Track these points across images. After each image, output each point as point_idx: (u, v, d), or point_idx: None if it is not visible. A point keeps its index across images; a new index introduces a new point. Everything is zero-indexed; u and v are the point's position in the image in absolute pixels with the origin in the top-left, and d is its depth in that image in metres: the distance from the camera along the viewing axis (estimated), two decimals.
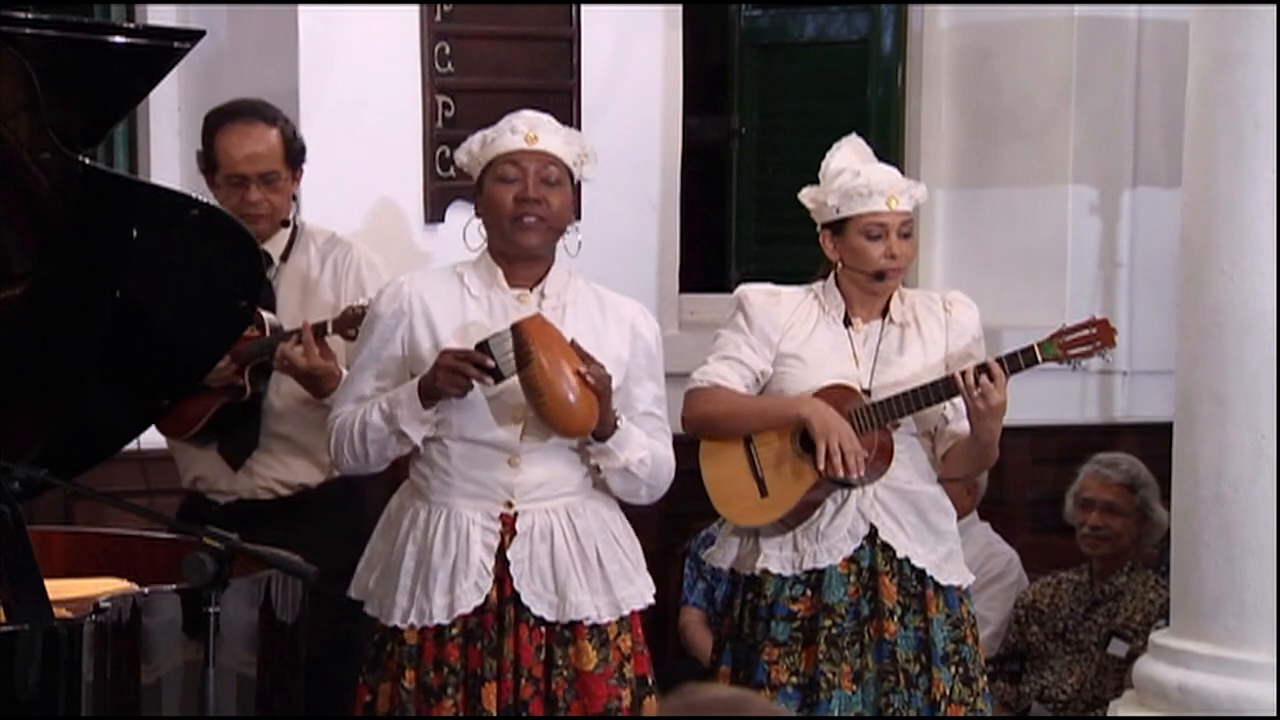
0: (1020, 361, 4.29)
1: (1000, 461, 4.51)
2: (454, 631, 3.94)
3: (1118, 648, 5.59)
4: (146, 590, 3.59)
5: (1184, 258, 5.09)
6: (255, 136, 4.61)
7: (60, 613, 3.45)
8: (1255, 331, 4.87)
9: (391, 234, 5.53)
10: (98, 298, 3.82)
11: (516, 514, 3.98)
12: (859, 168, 4.42)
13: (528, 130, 4.01)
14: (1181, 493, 5.06)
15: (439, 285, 4.03)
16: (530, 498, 3.99)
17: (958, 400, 4.34)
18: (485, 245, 4.07)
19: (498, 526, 3.97)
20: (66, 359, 3.85)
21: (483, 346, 3.88)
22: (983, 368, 4.26)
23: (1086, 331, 4.32)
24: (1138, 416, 6.63)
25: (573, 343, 3.91)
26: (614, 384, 3.97)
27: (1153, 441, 5.84)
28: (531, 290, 4.03)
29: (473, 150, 4.04)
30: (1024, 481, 6.50)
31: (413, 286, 4.03)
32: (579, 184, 4.20)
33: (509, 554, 3.97)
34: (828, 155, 4.48)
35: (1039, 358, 4.29)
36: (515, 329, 3.86)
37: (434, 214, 5.66)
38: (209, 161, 4.63)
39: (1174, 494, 5.15)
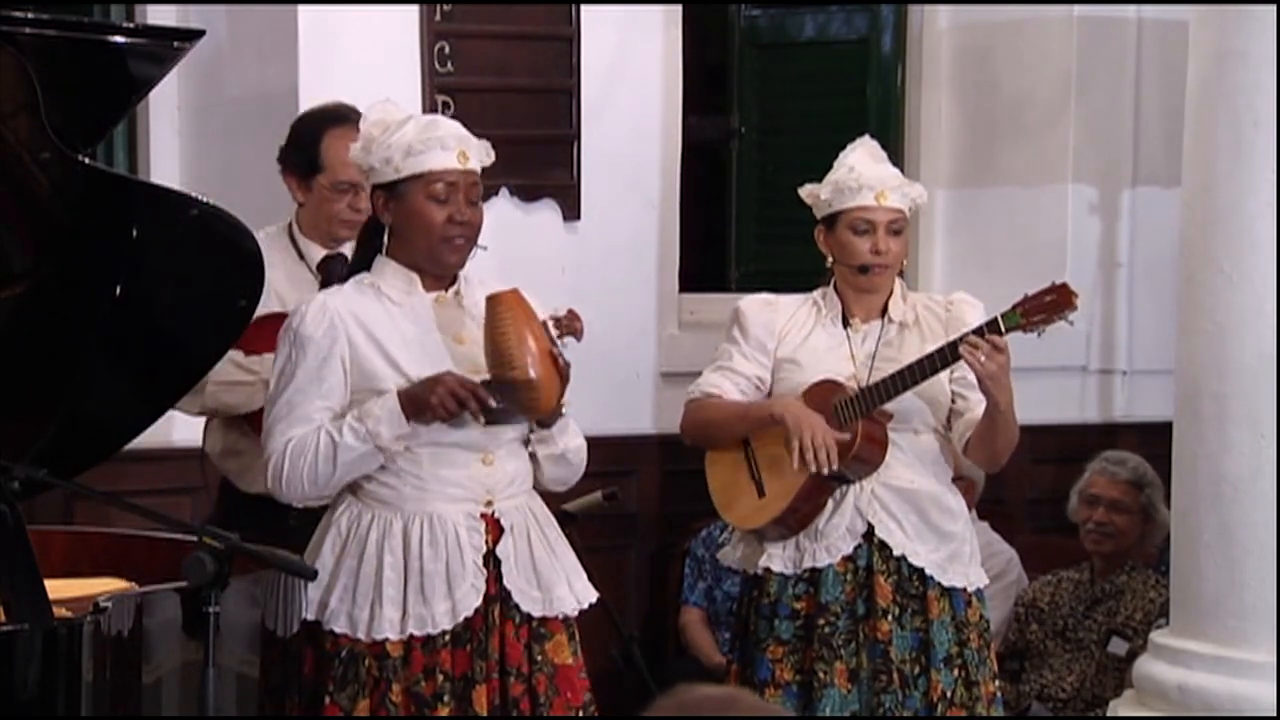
0: (984, 333, 4.28)
1: None
2: (445, 637, 3.93)
3: (1118, 647, 5.59)
4: (146, 590, 3.59)
5: (1184, 258, 5.10)
6: None
7: (60, 613, 3.45)
8: (1255, 331, 4.88)
9: None
10: (97, 298, 3.82)
11: (496, 512, 3.98)
12: (854, 163, 4.43)
13: (459, 148, 3.94)
14: (1181, 493, 5.07)
15: (359, 298, 3.96)
16: (506, 494, 3.98)
17: (961, 388, 4.35)
18: (384, 251, 4.01)
19: (481, 526, 3.97)
20: (66, 359, 3.85)
21: (489, 385, 3.87)
22: (960, 339, 4.25)
23: (1048, 298, 4.30)
24: (1137, 416, 6.63)
25: (544, 322, 3.90)
26: None
27: (1153, 441, 5.84)
28: (446, 292, 4.02)
29: (391, 158, 3.92)
30: (1024, 481, 6.50)
31: (336, 303, 3.94)
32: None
33: (499, 552, 3.96)
34: (841, 154, 4.48)
35: (1002, 328, 4.28)
36: (492, 299, 3.84)
37: None
38: (310, 163, 4.56)
39: (1174, 494, 5.15)
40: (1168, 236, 5.82)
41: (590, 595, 4.09)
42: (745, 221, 6.93)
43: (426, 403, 3.85)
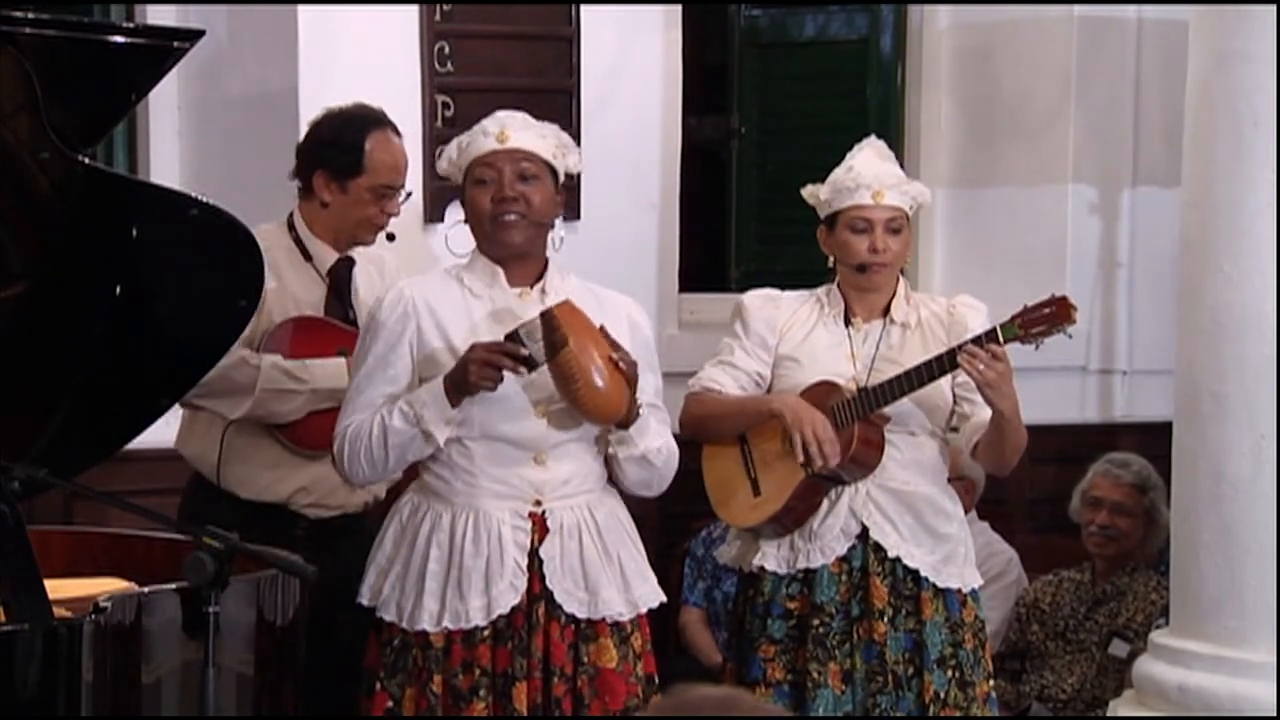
0: (983, 342, 4.28)
1: None
2: (485, 633, 3.95)
3: (1119, 648, 5.59)
4: (146, 590, 3.60)
5: (1184, 257, 5.10)
6: (404, 149, 4.62)
7: (60, 613, 3.45)
8: (1255, 331, 4.88)
9: None
10: (97, 298, 3.82)
11: (545, 512, 3.99)
12: (854, 163, 4.43)
13: (498, 130, 4.01)
14: (1181, 493, 5.07)
15: (440, 288, 4.03)
16: (558, 495, 3.99)
17: (966, 393, 4.35)
18: (475, 248, 4.07)
19: (528, 525, 3.97)
20: (66, 359, 3.85)
21: (513, 336, 3.87)
22: (958, 348, 4.24)
23: (1046, 310, 4.30)
24: (1137, 416, 6.63)
25: (601, 328, 3.91)
26: None
27: (1153, 441, 5.84)
28: (531, 288, 4.04)
29: (452, 158, 4.05)
30: (1023, 481, 6.50)
31: (414, 291, 4.02)
32: (575, 177, 4.18)
33: (541, 552, 3.97)
34: (848, 154, 4.48)
35: (1000, 338, 4.28)
36: (546, 315, 3.85)
37: (433, 213, 5.66)
38: (353, 165, 4.54)
39: (1174, 494, 5.15)
40: (1168, 236, 5.82)
41: (651, 600, 4.09)
42: (745, 221, 6.93)
43: (466, 381, 3.87)
